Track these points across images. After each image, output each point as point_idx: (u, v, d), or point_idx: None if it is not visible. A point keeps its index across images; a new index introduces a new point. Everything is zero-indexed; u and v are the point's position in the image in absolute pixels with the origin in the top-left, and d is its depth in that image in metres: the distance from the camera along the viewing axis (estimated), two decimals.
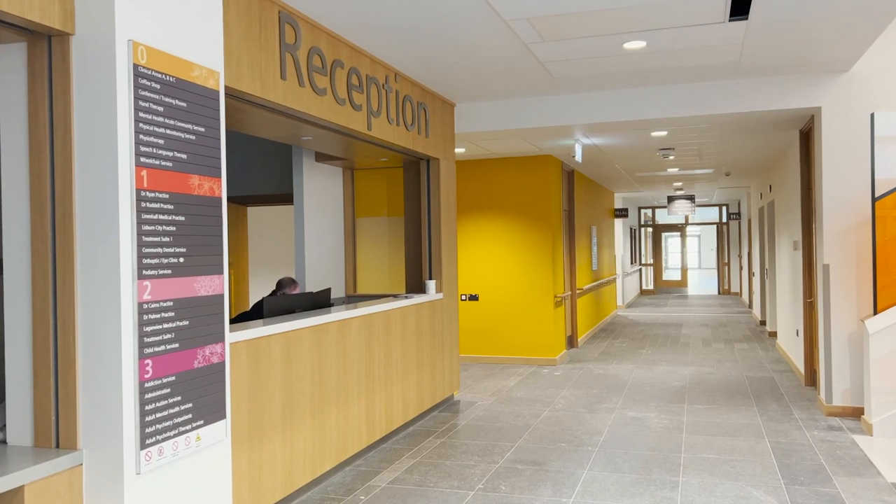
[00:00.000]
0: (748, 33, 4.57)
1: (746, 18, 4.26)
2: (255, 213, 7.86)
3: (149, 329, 2.63)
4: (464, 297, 9.01)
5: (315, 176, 6.33)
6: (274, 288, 5.86)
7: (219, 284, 3.02)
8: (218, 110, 3.02)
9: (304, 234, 6.11)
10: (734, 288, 21.31)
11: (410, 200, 6.39)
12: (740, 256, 19.71)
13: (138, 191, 2.59)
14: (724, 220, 21.35)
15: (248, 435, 3.50)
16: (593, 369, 8.31)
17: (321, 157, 6.29)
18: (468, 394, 6.98)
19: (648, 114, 6.10)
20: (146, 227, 2.63)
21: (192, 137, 2.87)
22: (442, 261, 6.21)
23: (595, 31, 4.43)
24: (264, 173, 7.27)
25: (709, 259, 39.30)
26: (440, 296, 6.16)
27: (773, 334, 11.12)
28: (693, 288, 24.10)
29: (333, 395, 4.34)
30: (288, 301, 4.66)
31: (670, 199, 15.87)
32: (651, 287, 22.59)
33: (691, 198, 15.79)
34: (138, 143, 2.59)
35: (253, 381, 3.54)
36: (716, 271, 24.39)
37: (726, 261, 21.62)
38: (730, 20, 4.28)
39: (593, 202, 12.68)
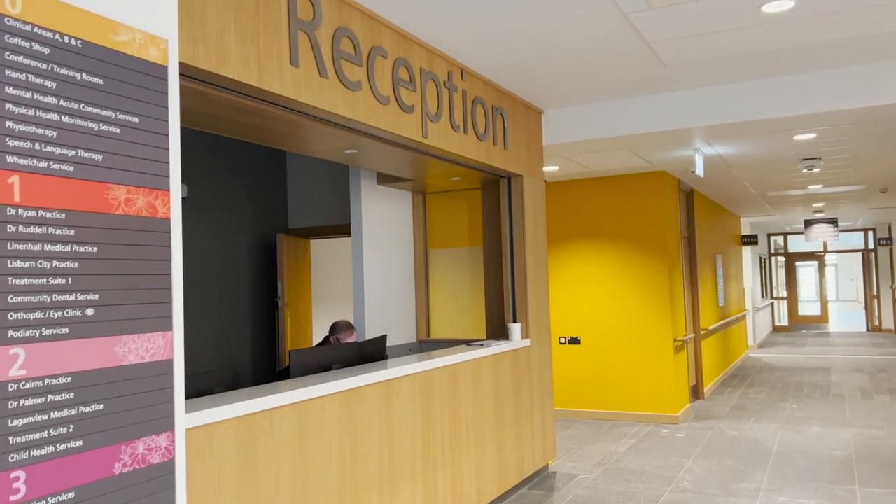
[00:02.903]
0: None
1: None
2: (319, 246, 7.04)
3: (20, 423, 1.69)
4: (563, 341, 7.75)
5: (377, 201, 5.39)
6: (326, 333, 4.93)
7: (163, 346, 2.05)
8: (163, 93, 2.09)
9: (362, 270, 5.16)
10: (886, 324, 18.58)
11: (490, 228, 5.31)
12: (893, 288, 17.14)
13: (0, 207, 1.68)
14: (872, 246, 18.76)
15: None
16: (725, 430, 6.79)
17: (384, 179, 5.35)
18: (567, 461, 5.72)
19: (792, 109, 4.74)
20: (16, 264, 1.70)
21: (115, 130, 1.95)
22: (528, 300, 5.07)
23: None
24: (328, 200, 6.44)
25: (847, 291, 35.52)
26: (526, 342, 5.01)
27: None
28: (835, 324, 21.37)
29: (375, 482, 3.27)
30: (323, 355, 3.67)
31: (808, 224, 13.88)
32: (785, 323, 20.19)
33: (833, 221, 13.73)
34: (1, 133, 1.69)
35: (245, 477, 2.55)
36: (861, 304, 21.59)
37: (875, 293, 18.94)
38: None
39: (717, 227, 11.08)
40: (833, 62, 4.47)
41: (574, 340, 7.70)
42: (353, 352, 3.84)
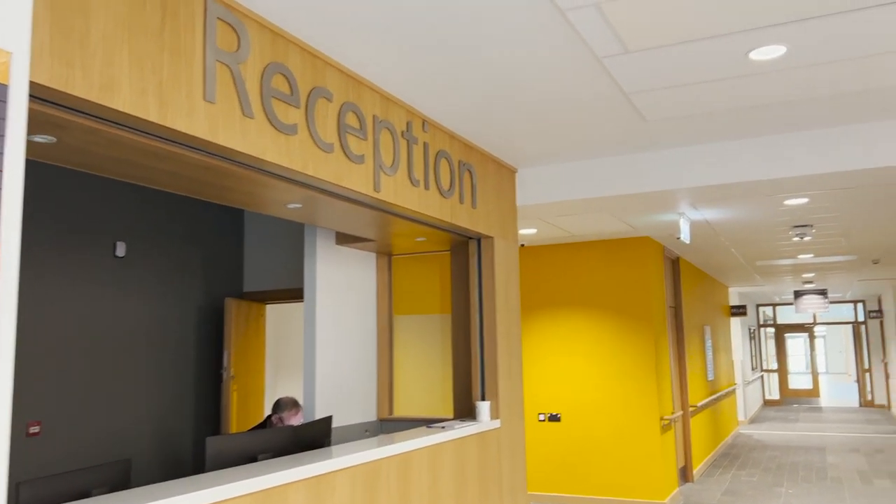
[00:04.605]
0: None
1: None
2: (279, 312, 6.53)
3: None
4: (542, 418, 7.18)
5: (336, 262, 4.92)
6: (269, 412, 4.39)
7: None
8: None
9: (315, 339, 4.64)
10: (879, 399, 18.05)
11: (458, 294, 4.84)
12: (885, 363, 16.68)
13: None
14: (862, 318, 18.40)
15: None
16: None
17: (343, 239, 4.90)
18: None
19: (781, 170, 4.37)
20: None
21: None
22: (499, 375, 4.55)
23: (704, 23, 2.86)
24: (287, 261, 5.96)
25: (836, 363, 35.08)
26: (496, 423, 4.47)
27: None
28: (826, 398, 20.79)
29: None
30: (247, 442, 3.12)
31: (798, 295, 13.51)
32: (776, 397, 19.62)
33: (823, 292, 13.38)
34: None
35: None
36: (850, 377, 21.09)
37: (867, 367, 18.47)
38: None
39: (705, 297, 10.66)
40: (825, 121, 4.13)
41: (554, 418, 7.13)
42: (285, 438, 3.29)
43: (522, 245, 7.42)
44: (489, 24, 2.84)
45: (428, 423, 5.01)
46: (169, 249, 5.52)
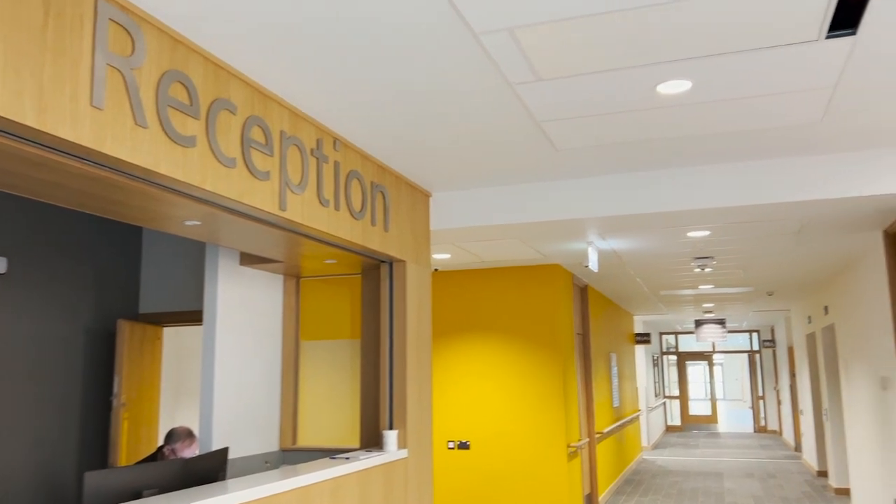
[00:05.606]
0: (848, 67, 3.04)
1: (854, 33, 2.74)
2: (179, 335, 6.19)
3: None
4: (451, 446, 7.09)
5: (239, 284, 4.70)
6: (161, 443, 4.10)
7: None
8: None
9: (213, 364, 4.39)
10: (772, 425, 18.98)
11: (368, 319, 4.71)
12: (777, 390, 17.58)
13: None
14: (757, 347, 19.37)
15: None
16: None
17: (248, 259, 4.69)
18: None
19: (684, 203, 4.51)
20: None
21: None
22: (408, 403, 4.44)
23: (613, 55, 2.90)
24: (187, 281, 5.67)
25: (732, 390, 36.81)
26: (404, 453, 4.34)
27: (843, 492, 8.96)
28: (724, 424, 21.68)
29: None
30: (132, 478, 2.88)
31: (698, 324, 14.07)
32: (678, 423, 20.29)
33: (722, 322, 13.99)
34: None
35: None
36: (746, 404, 22.09)
37: (761, 394, 19.41)
38: (828, 36, 2.75)
39: (611, 325, 10.92)
40: (728, 156, 4.30)
41: (464, 445, 7.05)
42: (175, 472, 3.06)
43: (436, 270, 7.37)
44: (402, 45, 2.78)
45: (332, 453, 4.83)
46: (57, 267, 5.14)
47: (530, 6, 2.49)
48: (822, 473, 10.55)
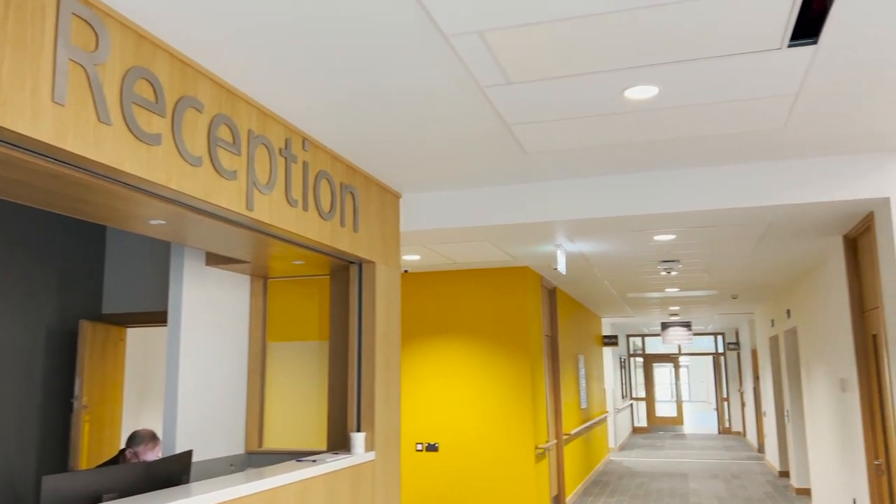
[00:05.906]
0: (810, 75, 3.11)
1: (815, 42, 2.80)
2: (142, 336, 6.09)
3: None
4: (420, 448, 7.08)
5: (205, 284, 4.64)
6: (123, 446, 4.02)
7: None
8: None
9: (178, 366, 4.33)
10: (735, 426, 19.30)
11: (337, 320, 4.69)
12: (741, 392, 17.89)
13: None
14: (721, 350, 19.69)
15: None
16: None
17: (214, 260, 4.63)
18: None
19: (650, 206, 4.57)
20: None
21: None
22: (376, 404, 4.42)
23: (582, 59, 2.93)
24: (151, 282, 5.58)
25: (698, 391, 37.37)
26: (371, 455, 4.32)
27: (804, 492, 9.14)
28: (689, 425, 22.00)
29: None
30: (91, 482, 2.82)
31: (665, 326, 14.27)
32: (644, 424, 20.53)
33: (688, 325, 14.20)
34: None
35: None
36: (710, 405, 22.43)
37: (725, 396, 19.74)
38: (790, 45, 2.81)
39: (579, 327, 11.01)
40: (694, 160, 4.36)
41: (432, 447, 7.05)
42: (137, 475, 3.01)
43: (406, 271, 7.35)
44: (373, 46, 2.77)
45: (299, 456, 4.78)
46: (16, 266, 5.01)
47: (501, 9, 2.50)
48: (784, 474, 10.76)
